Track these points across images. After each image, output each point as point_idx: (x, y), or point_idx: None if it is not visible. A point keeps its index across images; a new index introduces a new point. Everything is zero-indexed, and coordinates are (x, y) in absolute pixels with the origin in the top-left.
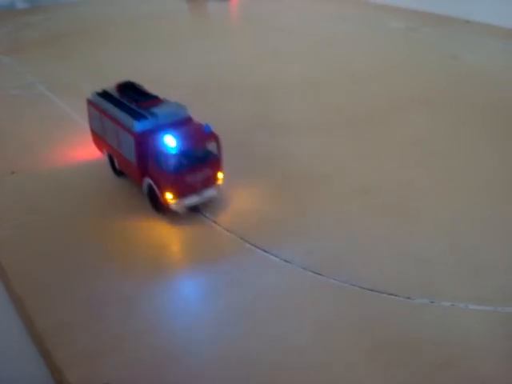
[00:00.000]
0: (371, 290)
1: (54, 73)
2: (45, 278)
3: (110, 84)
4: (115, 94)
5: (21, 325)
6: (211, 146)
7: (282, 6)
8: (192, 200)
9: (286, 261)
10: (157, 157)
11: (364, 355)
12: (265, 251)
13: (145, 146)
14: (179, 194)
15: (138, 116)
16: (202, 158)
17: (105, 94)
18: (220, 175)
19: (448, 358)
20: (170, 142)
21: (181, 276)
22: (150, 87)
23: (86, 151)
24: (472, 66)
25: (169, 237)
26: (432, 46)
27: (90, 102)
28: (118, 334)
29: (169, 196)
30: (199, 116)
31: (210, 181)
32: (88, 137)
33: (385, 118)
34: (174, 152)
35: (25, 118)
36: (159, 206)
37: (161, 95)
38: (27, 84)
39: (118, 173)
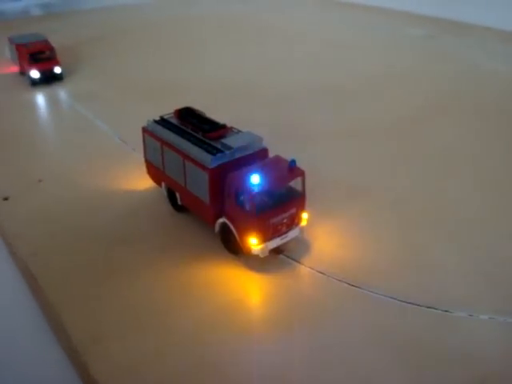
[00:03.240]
0: (409, 303)
1: (74, 80)
2: (79, 289)
3: (132, 91)
4: (175, 121)
5: (53, 337)
6: (294, 182)
7: (300, 14)
8: (275, 243)
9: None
10: (237, 196)
11: (403, 370)
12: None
13: (221, 183)
14: (264, 239)
15: (211, 149)
16: (286, 196)
17: (164, 122)
18: (305, 215)
19: (487, 373)
20: (254, 179)
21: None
22: (172, 93)
23: (115, 161)
24: (494, 74)
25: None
26: (453, 53)
27: (146, 131)
28: (156, 347)
29: (253, 241)
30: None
31: (295, 221)
32: (113, 144)
33: (409, 127)
34: (257, 191)
35: (49, 126)
36: (234, 248)
37: (181, 101)
38: (49, 92)
39: (179, 208)
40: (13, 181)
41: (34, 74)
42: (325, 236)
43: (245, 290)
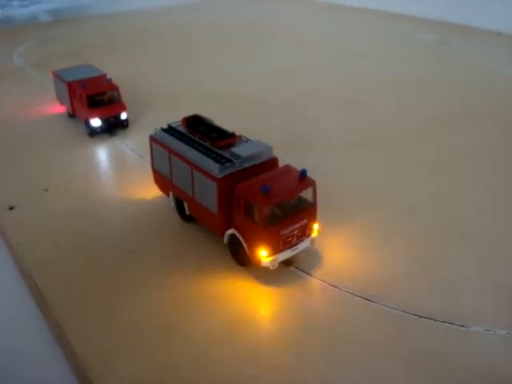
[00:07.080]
0: (423, 318)
1: None
2: (85, 302)
3: (138, 98)
4: (183, 129)
5: (60, 352)
6: (305, 192)
7: (309, 19)
8: (285, 255)
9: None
10: (246, 207)
11: None
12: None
13: (230, 193)
14: (274, 251)
15: (220, 158)
16: (297, 207)
17: (171, 130)
18: (316, 226)
19: None
20: (264, 189)
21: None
22: (179, 101)
23: (122, 170)
24: (508, 79)
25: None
26: (465, 59)
27: (153, 139)
28: (164, 362)
29: (263, 253)
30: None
31: (306, 232)
32: (120, 152)
33: (423, 135)
34: (268, 202)
35: (54, 136)
36: (243, 260)
37: (189, 109)
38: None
39: (187, 218)
40: (18, 190)
41: (95, 122)
42: (337, 247)
43: (254, 303)
